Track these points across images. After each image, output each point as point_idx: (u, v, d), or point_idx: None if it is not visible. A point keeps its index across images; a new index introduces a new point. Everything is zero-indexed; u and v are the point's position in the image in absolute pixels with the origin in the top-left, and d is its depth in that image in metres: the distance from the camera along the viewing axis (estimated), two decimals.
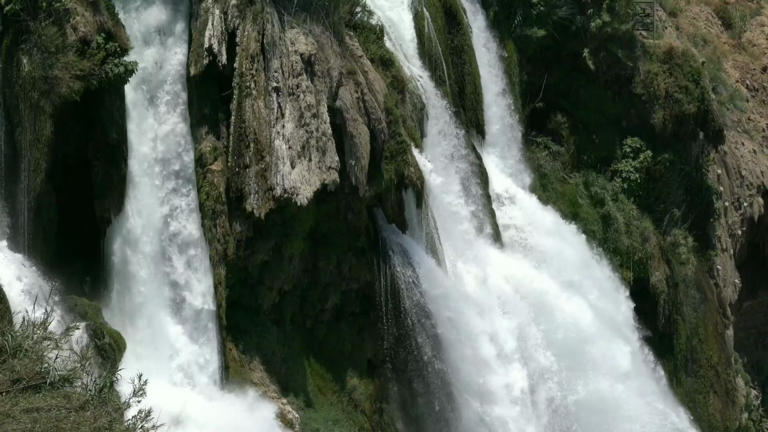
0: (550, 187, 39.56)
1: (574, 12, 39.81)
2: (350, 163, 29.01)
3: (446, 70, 34.92)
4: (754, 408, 46.20)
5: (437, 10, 35.37)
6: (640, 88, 41.37)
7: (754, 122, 49.05)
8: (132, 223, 26.39)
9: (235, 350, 28.50)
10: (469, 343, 31.93)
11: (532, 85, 39.91)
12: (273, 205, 27.82)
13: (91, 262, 26.24)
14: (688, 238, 42.22)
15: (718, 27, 50.68)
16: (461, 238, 33.62)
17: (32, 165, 24.29)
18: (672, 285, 41.16)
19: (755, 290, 48.55)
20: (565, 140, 40.82)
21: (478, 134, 37.02)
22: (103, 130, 25.51)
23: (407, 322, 30.80)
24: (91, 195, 25.90)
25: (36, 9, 24.11)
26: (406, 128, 31.35)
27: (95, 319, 24.77)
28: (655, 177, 41.55)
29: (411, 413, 31.52)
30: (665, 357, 40.44)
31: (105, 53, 24.87)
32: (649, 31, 43.04)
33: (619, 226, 39.96)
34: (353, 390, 30.51)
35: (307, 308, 30.27)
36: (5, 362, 11.90)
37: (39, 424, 11.13)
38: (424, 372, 31.20)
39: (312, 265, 30.21)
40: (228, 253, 27.78)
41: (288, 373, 29.39)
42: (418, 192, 31.26)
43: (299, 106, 28.36)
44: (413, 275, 30.74)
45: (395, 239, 31.05)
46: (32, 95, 24.13)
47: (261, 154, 27.80)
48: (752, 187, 46.80)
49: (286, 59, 28.35)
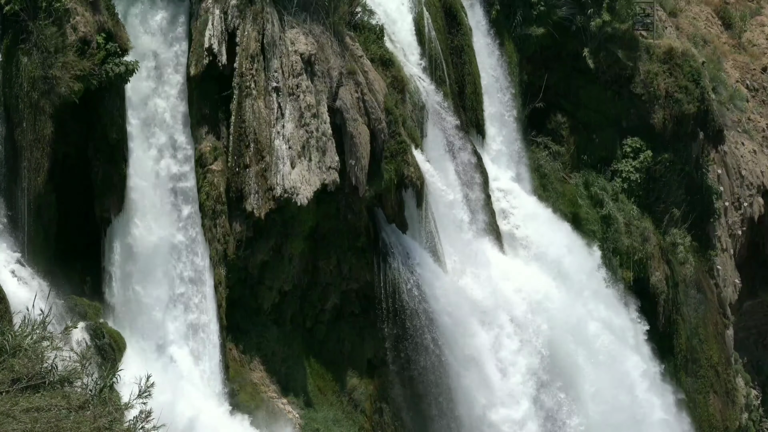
0: (550, 187, 39.55)
1: (574, 12, 39.80)
2: (350, 163, 29.00)
3: (446, 70, 34.91)
4: (754, 408, 46.19)
5: (437, 10, 35.36)
6: (640, 88, 41.37)
7: (754, 122, 49.04)
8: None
9: (235, 350, 28.49)
10: (468, 343, 31.92)
11: (532, 85, 39.90)
12: (273, 205, 27.81)
13: (91, 262, 26.22)
14: (687, 238, 42.21)
15: (718, 27, 50.68)
16: (461, 238, 33.60)
17: (32, 165, 24.26)
18: (672, 285, 41.15)
19: (755, 290, 48.53)
20: (565, 140, 40.81)
21: (478, 134, 37.02)
22: (103, 130, 25.48)
23: (407, 321, 30.79)
24: (91, 195, 25.88)
25: (36, 9, 24.08)
26: (406, 128, 31.35)
27: (95, 319, 24.75)
28: (655, 177, 41.54)
29: (411, 413, 31.51)
30: (665, 357, 40.43)
31: (105, 53, 24.85)
32: (649, 31, 43.03)
33: (619, 226, 39.95)
34: (353, 390, 30.50)
35: (307, 308, 30.26)
36: (5, 362, 11.88)
37: (39, 423, 11.11)
38: (424, 371, 31.20)
39: (312, 265, 30.20)
40: (228, 253, 27.77)
41: (288, 373, 29.39)
42: (418, 192, 31.25)
43: (299, 106, 28.34)
44: (413, 275, 30.72)
45: (395, 239, 31.03)
46: (32, 95, 24.10)
47: (261, 154, 27.79)
48: (752, 187, 46.78)
49: (286, 59, 28.34)
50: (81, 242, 25.99)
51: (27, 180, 24.33)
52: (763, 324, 49.91)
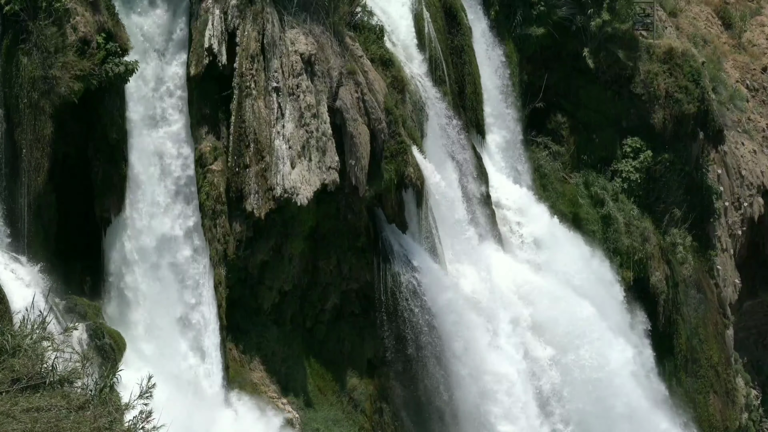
0: (550, 187, 39.56)
1: (574, 12, 39.80)
2: (350, 163, 29.00)
3: (446, 70, 34.90)
4: (754, 408, 46.18)
5: (437, 10, 35.35)
6: (640, 88, 41.37)
7: (754, 122, 49.04)
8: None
9: (235, 350, 28.49)
10: (468, 342, 31.91)
11: (532, 85, 39.90)
12: (273, 205, 27.81)
13: (91, 262, 26.22)
14: (687, 238, 42.21)
15: (718, 27, 50.67)
16: (460, 238, 33.60)
17: (32, 165, 24.27)
18: (672, 285, 41.15)
19: (755, 290, 48.53)
20: (565, 140, 40.82)
21: (478, 134, 37.02)
22: (103, 130, 25.49)
23: (407, 321, 30.78)
24: (91, 195, 25.88)
25: (36, 9, 24.08)
26: (406, 128, 31.34)
27: (95, 319, 24.75)
28: (655, 177, 41.54)
29: (411, 413, 31.51)
30: (665, 357, 40.43)
31: (105, 53, 24.85)
32: (649, 31, 43.03)
33: (619, 226, 39.95)
34: (353, 390, 30.50)
35: (307, 308, 30.26)
36: (5, 362, 11.88)
37: (39, 423, 11.11)
38: (424, 371, 31.20)
39: (312, 265, 30.20)
40: (228, 253, 27.76)
41: (288, 373, 29.38)
42: (418, 192, 31.25)
43: (299, 106, 28.35)
44: (413, 275, 30.71)
45: (395, 239, 31.03)
46: (32, 95, 24.11)
47: (261, 154, 27.79)
48: (752, 187, 46.78)
49: (286, 59, 28.34)
50: (81, 242, 26.00)
51: (27, 180, 24.33)
52: (763, 324, 49.90)
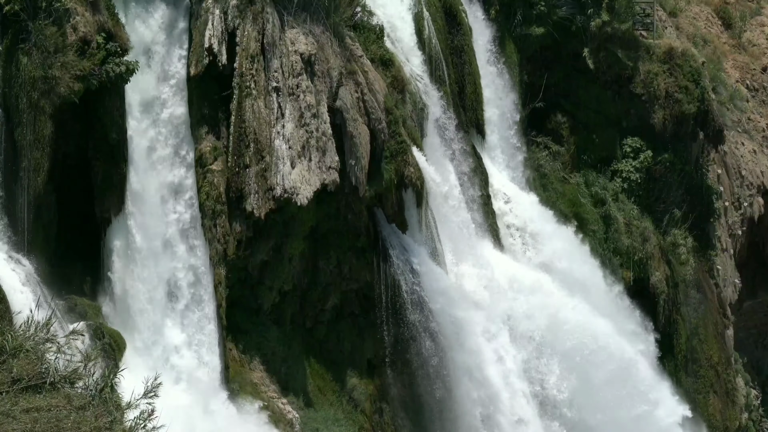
0: (550, 187, 39.55)
1: (574, 12, 39.80)
2: (350, 163, 29.00)
3: (446, 70, 34.90)
4: (754, 408, 46.18)
5: (437, 10, 35.35)
6: (640, 88, 41.36)
7: (754, 122, 49.03)
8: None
9: (235, 350, 28.48)
10: (468, 342, 31.92)
11: (532, 85, 39.88)
12: (273, 205, 27.80)
13: (91, 262, 26.21)
14: (688, 238, 42.21)
15: (718, 27, 50.66)
16: (461, 238, 33.60)
17: (32, 165, 24.25)
18: (672, 285, 41.14)
19: (755, 290, 48.54)
20: (565, 140, 40.80)
21: (478, 134, 37.01)
22: (103, 130, 25.48)
23: (407, 321, 30.79)
24: (91, 195, 25.87)
25: (36, 9, 24.07)
26: (406, 128, 31.34)
27: (95, 319, 24.75)
28: (655, 177, 41.54)
29: (411, 413, 31.51)
30: (665, 357, 40.42)
31: (105, 53, 24.84)
32: (649, 31, 43.02)
33: (619, 226, 39.95)
34: (353, 390, 30.50)
35: (307, 308, 30.26)
36: (5, 362, 11.87)
37: (39, 423, 11.10)
38: (424, 371, 31.20)
39: (312, 265, 30.20)
40: (228, 253, 27.75)
41: (288, 373, 29.38)
42: (418, 192, 31.24)
43: (299, 106, 28.34)
44: (413, 275, 30.72)
45: (395, 239, 31.03)
46: (32, 95, 24.10)
47: (261, 154, 27.78)
48: (752, 187, 46.78)
49: (286, 59, 28.34)
50: (81, 242, 25.99)
51: (27, 180, 24.32)
52: (763, 324, 49.91)
